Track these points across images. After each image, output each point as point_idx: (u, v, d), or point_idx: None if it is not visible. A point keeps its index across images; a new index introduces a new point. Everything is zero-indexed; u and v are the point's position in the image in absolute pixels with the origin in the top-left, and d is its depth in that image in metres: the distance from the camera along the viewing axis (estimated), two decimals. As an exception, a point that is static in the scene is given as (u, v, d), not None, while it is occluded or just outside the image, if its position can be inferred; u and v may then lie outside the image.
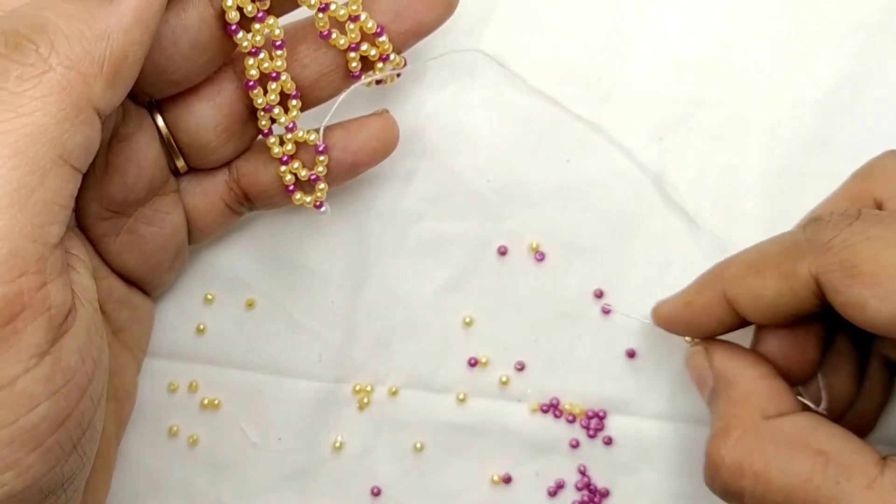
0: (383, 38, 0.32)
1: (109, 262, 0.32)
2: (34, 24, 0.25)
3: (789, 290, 0.29)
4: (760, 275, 0.30)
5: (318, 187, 0.34)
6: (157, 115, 0.32)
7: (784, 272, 0.29)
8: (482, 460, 0.37)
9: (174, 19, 0.29)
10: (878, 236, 0.27)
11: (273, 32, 0.31)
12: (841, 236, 0.28)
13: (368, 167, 0.34)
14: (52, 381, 0.24)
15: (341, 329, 0.37)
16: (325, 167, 0.33)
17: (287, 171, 0.33)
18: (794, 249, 0.29)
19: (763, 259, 0.30)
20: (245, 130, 0.33)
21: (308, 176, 0.33)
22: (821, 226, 0.28)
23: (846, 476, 0.27)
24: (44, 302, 0.24)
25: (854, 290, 0.27)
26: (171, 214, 0.33)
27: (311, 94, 0.33)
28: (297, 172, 0.33)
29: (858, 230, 0.27)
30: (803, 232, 0.29)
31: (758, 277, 0.30)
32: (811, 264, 0.28)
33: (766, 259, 0.30)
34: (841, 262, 0.27)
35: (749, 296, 0.30)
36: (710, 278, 0.32)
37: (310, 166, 0.33)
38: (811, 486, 0.27)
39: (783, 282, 0.29)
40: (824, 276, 0.28)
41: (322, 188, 0.34)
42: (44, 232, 0.24)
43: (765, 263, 0.30)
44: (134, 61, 0.26)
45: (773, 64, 0.37)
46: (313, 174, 0.33)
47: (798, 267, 0.29)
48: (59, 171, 0.25)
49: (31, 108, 0.24)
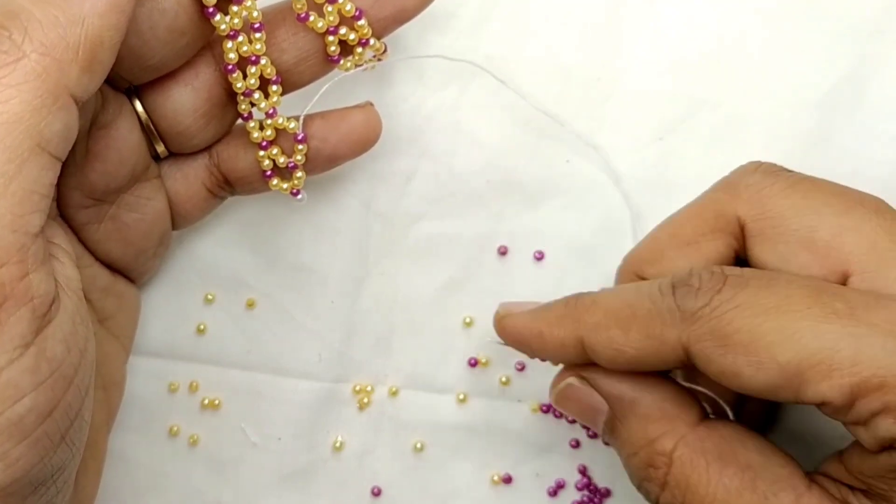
0: (362, 22, 0.32)
1: (93, 250, 0.32)
2: (7, 10, 0.25)
3: (654, 352, 0.28)
4: (624, 332, 0.29)
5: (295, 175, 0.33)
6: (135, 100, 0.32)
7: (651, 335, 0.28)
8: (482, 460, 0.37)
9: (151, 3, 0.29)
10: (747, 304, 0.26)
11: (251, 15, 0.31)
12: (710, 305, 0.27)
13: (348, 159, 0.34)
14: (38, 371, 0.24)
15: (341, 329, 0.37)
16: (304, 156, 0.33)
17: (266, 157, 0.33)
18: (663, 315, 0.28)
19: (630, 315, 0.29)
20: (224, 114, 0.33)
21: (286, 163, 0.33)
22: (689, 293, 0.27)
23: (773, 491, 0.27)
24: (26, 292, 0.24)
25: (728, 359, 0.26)
26: (153, 200, 0.33)
27: (290, 78, 0.33)
28: (276, 159, 0.33)
29: (727, 298, 0.27)
30: (672, 297, 0.28)
31: (621, 333, 0.29)
32: (681, 333, 0.27)
33: (633, 316, 0.28)
34: (712, 332, 0.27)
35: (609, 349, 0.29)
36: (567, 316, 0.30)
37: (289, 153, 0.33)
38: (742, 501, 0.27)
39: (649, 344, 0.28)
40: (695, 345, 0.27)
41: (300, 176, 0.33)
42: (24, 221, 0.24)
43: (631, 320, 0.28)
44: (110, 46, 0.26)
45: (773, 64, 0.37)
46: (291, 162, 0.33)
47: (666, 334, 0.28)
48: (38, 159, 0.24)
49: (6, 97, 0.24)
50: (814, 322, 0.25)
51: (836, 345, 0.25)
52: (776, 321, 0.26)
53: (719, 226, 0.30)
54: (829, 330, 0.25)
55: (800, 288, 0.26)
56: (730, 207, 0.30)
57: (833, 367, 0.25)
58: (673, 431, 0.29)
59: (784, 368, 0.26)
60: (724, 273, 0.27)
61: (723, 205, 0.30)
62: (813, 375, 0.25)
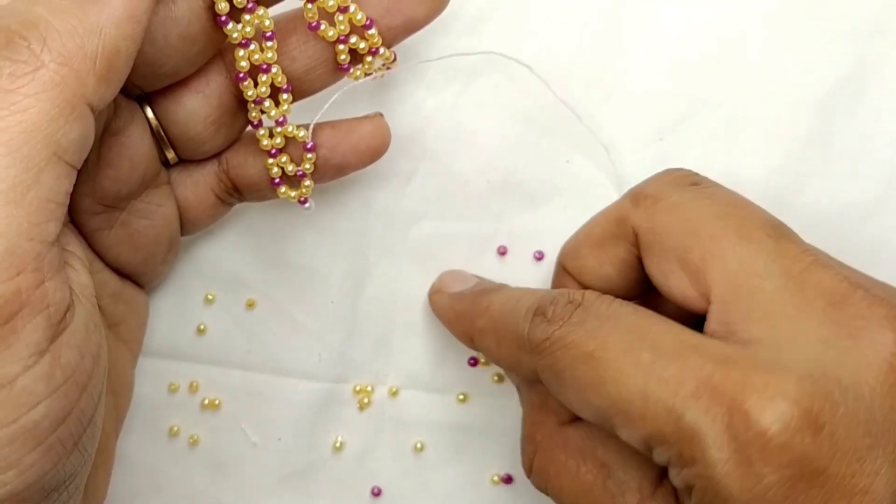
0: (372, 31, 0.32)
1: (103, 256, 0.32)
2: (26, 20, 0.25)
3: (518, 371, 0.31)
4: (499, 345, 0.31)
5: (303, 183, 0.33)
6: (146, 107, 0.32)
7: (513, 356, 0.30)
8: (482, 460, 0.37)
9: (164, 11, 0.29)
10: (573, 344, 0.28)
11: (263, 23, 0.31)
12: (550, 339, 0.28)
13: (356, 169, 0.34)
14: (52, 378, 0.24)
15: (341, 329, 0.37)
16: (313, 164, 0.33)
17: (274, 165, 0.33)
18: (521, 340, 0.30)
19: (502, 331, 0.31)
20: (234, 122, 0.33)
21: (295, 171, 0.33)
22: (540, 323, 0.29)
23: (621, 491, 0.29)
24: (42, 300, 0.24)
25: (561, 394, 0.29)
26: (163, 206, 0.33)
27: (300, 86, 0.33)
28: (285, 167, 0.33)
29: (562, 335, 0.28)
30: (529, 323, 0.29)
31: (497, 346, 0.31)
32: (529, 361, 0.29)
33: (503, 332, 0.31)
34: (549, 366, 0.28)
35: (489, 356, 0.32)
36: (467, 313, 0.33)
37: (297, 162, 0.33)
38: (592, 497, 0.29)
39: (513, 361, 0.31)
40: (540, 374, 0.29)
41: (308, 185, 0.34)
42: (40, 230, 0.24)
43: (502, 336, 0.31)
44: (126, 56, 0.26)
45: (773, 64, 0.37)
46: (300, 171, 0.33)
47: (521, 358, 0.30)
48: (55, 168, 0.25)
49: (25, 106, 0.24)
50: (616, 373, 0.27)
51: (631, 396, 0.26)
52: (589, 367, 0.27)
53: (621, 232, 0.31)
54: (629, 381, 0.26)
55: (621, 333, 0.28)
56: (630, 216, 0.31)
57: (629, 419, 0.26)
58: (544, 423, 0.31)
59: (597, 411, 0.27)
60: (577, 303, 0.29)
61: (625, 212, 0.31)
62: (617, 422, 0.27)
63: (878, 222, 0.36)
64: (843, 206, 0.37)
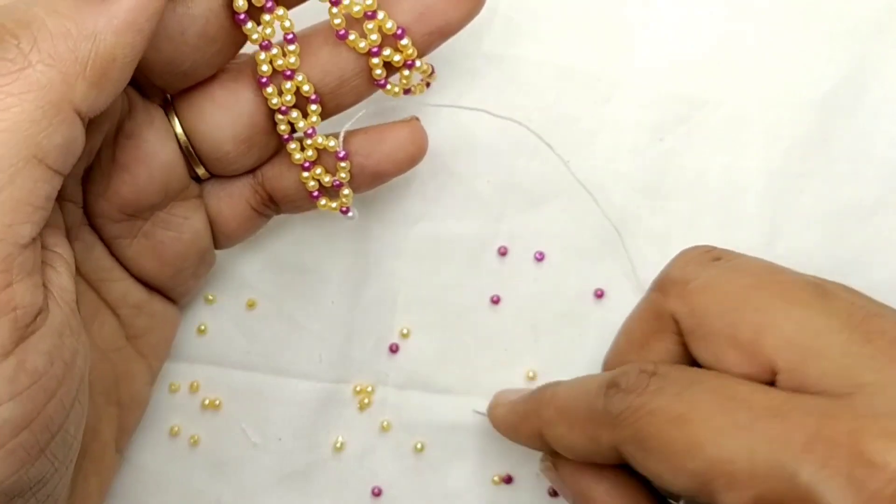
0: (406, 42, 0.30)
1: (127, 265, 0.32)
2: (20, 19, 0.25)
3: (596, 451, 0.29)
4: (570, 430, 0.29)
5: (342, 193, 0.33)
6: (174, 119, 0.31)
7: (588, 435, 0.29)
8: (483, 460, 0.37)
9: (181, 9, 0.29)
10: (659, 410, 0.26)
11: (283, 24, 0.30)
12: (630, 408, 0.27)
13: (394, 176, 0.33)
14: (15, 381, 0.24)
15: (342, 329, 0.37)
16: (348, 173, 0.32)
17: (310, 178, 0.32)
18: (597, 417, 0.28)
19: (573, 413, 0.29)
20: (268, 141, 0.32)
21: (331, 182, 0.32)
22: (616, 395, 0.28)
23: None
24: (8, 302, 0.24)
25: (649, 464, 0.27)
26: (190, 220, 0.32)
27: (333, 100, 0.32)
28: (321, 178, 0.32)
29: (643, 402, 0.27)
30: (604, 398, 0.28)
31: (569, 430, 0.29)
32: (609, 436, 0.28)
33: (575, 415, 0.29)
34: (633, 437, 0.27)
35: (561, 445, 0.30)
36: (531, 412, 0.32)
37: (332, 172, 0.32)
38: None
39: (589, 443, 0.29)
40: (622, 448, 0.28)
41: (347, 194, 0.33)
42: (12, 231, 0.24)
43: (574, 419, 0.29)
44: (123, 64, 0.26)
45: (773, 64, 0.37)
46: (336, 180, 0.32)
47: (600, 436, 0.28)
48: (33, 170, 0.24)
49: (6, 105, 0.24)
50: (714, 433, 0.25)
51: (734, 457, 0.25)
52: (681, 430, 0.26)
53: (661, 326, 0.30)
54: (729, 442, 0.25)
55: (709, 394, 0.26)
56: (664, 307, 0.30)
57: (733, 480, 0.25)
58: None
59: (694, 477, 0.26)
60: (651, 372, 0.28)
61: (658, 304, 0.30)
62: (718, 486, 0.25)
63: (878, 222, 0.36)
64: (843, 206, 0.37)
